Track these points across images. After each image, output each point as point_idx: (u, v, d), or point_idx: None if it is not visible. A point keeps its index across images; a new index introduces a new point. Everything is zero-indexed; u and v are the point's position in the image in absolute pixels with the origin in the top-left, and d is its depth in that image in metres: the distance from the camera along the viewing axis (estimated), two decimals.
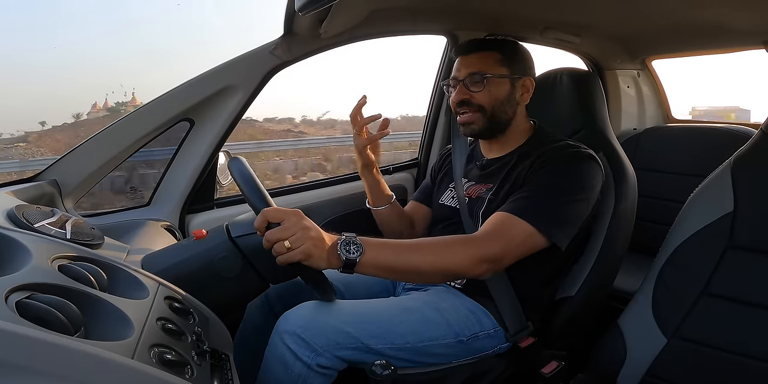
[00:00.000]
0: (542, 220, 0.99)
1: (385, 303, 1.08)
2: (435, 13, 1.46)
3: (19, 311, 0.49)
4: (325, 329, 0.94)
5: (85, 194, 1.21)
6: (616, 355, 1.02)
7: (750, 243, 0.94)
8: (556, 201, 1.02)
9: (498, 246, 0.97)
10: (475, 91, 1.13)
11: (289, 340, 0.93)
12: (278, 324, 0.96)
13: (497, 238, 0.98)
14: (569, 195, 1.03)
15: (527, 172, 1.09)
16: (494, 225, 1.00)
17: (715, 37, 1.58)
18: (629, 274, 1.38)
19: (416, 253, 0.93)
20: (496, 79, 1.13)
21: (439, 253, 0.94)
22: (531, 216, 0.99)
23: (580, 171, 1.05)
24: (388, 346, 0.98)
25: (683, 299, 0.98)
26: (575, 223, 1.04)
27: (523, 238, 0.99)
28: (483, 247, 0.96)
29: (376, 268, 0.90)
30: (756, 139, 1.00)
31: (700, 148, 1.81)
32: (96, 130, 1.20)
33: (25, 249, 0.65)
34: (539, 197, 1.02)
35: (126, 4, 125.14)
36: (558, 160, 1.07)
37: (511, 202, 1.04)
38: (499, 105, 1.14)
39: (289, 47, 1.26)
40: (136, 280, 0.74)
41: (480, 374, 1.08)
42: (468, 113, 1.15)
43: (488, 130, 1.16)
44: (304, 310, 0.97)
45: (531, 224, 0.99)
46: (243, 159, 0.97)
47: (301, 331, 0.92)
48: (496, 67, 1.13)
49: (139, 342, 0.56)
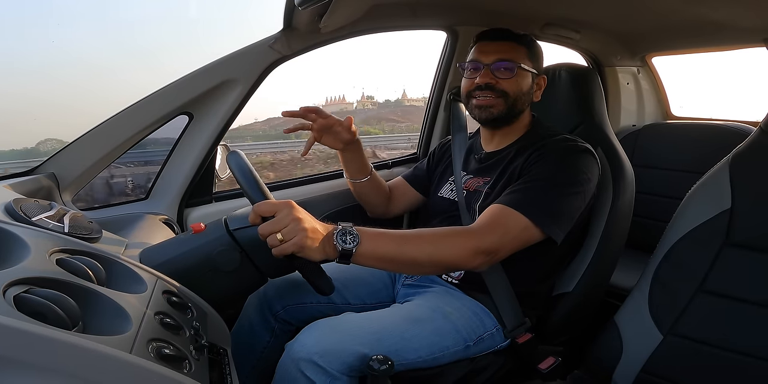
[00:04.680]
0: (538, 213, 0.99)
1: (395, 316, 1.06)
2: (435, 8, 1.45)
3: (16, 305, 0.48)
4: (341, 353, 0.92)
5: (82, 188, 1.21)
6: (613, 351, 1.03)
7: (747, 240, 0.95)
8: (552, 193, 1.02)
9: (494, 238, 0.97)
10: (503, 77, 1.13)
11: (305, 367, 0.91)
12: (292, 349, 0.94)
13: (493, 230, 0.98)
14: (565, 188, 1.03)
15: (523, 164, 1.09)
16: (490, 217, 1.00)
17: (716, 34, 1.57)
18: (626, 271, 1.39)
19: (413, 244, 0.92)
20: (524, 71, 1.14)
21: (436, 245, 0.94)
22: (527, 208, 0.99)
23: (575, 164, 1.05)
24: (402, 363, 0.97)
25: (679, 296, 0.98)
26: (571, 216, 1.04)
27: (518, 231, 0.99)
28: (479, 239, 0.96)
29: (373, 258, 0.89)
30: (754, 137, 1.00)
31: (699, 145, 1.81)
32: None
33: (22, 243, 0.64)
34: (535, 190, 1.02)
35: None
36: (554, 153, 1.07)
37: (507, 194, 1.04)
38: (521, 96, 1.15)
39: (289, 42, 1.26)
40: (134, 274, 0.74)
41: (478, 370, 1.08)
42: (490, 97, 1.14)
43: (504, 117, 1.16)
44: (317, 334, 0.95)
45: (526, 217, 0.99)
46: (241, 152, 0.97)
47: (318, 357, 0.90)
48: (524, 60, 1.15)
49: (137, 336, 0.56)
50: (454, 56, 1.68)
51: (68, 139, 1.20)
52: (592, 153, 1.09)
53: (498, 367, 1.10)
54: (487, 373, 1.09)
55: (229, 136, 1.77)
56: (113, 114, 1.19)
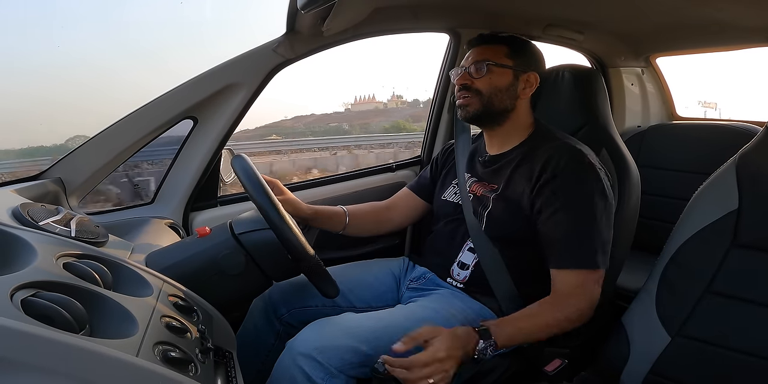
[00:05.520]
0: (594, 258, 1.04)
1: (396, 315, 1.07)
2: (437, 10, 1.46)
3: (24, 309, 0.49)
4: (340, 350, 0.93)
5: (89, 192, 1.22)
6: (620, 352, 1.02)
7: (754, 241, 0.94)
8: (593, 232, 1.05)
9: (584, 303, 1.04)
10: (476, 77, 1.15)
11: (302, 362, 0.92)
12: (292, 345, 0.95)
13: (579, 298, 1.04)
14: (601, 223, 1.05)
15: (535, 184, 1.08)
16: (567, 289, 1.05)
17: (720, 34, 1.56)
18: (633, 272, 1.38)
19: (534, 322, 1.02)
20: (498, 69, 1.15)
21: (550, 314, 1.03)
22: (586, 261, 1.04)
23: (599, 192, 1.06)
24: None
25: (687, 297, 0.97)
26: (611, 238, 1.08)
27: (594, 283, 1.04)
28: (572, 307, 1.03)
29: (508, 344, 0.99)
30: (761, 137, 0.99)
31: (705, 145, 1.80)
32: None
33: (30, 247, 0.65)
34: (580, 237, 1.05)
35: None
36: (572, 186, 1.07)
37: (558, 251, 1.06)
38: (497, 93, 1.15)
39: (292, 45, 1.26)
40: (141, 277, 0.74)
41: (484, 373, 1.07)
42: (467, 97, 1.17)
43: (483, 115, 1.17)
44: (317, 331, 0.97)
45: (590, 268, 1.04)
46: (246, 156, 0.98)
47: (317, 353, 0.92)
48: (501, 58, 1.16)
49: (143, 340, 0.56)
50: (457, 59, 1.68)
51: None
52: (599, 167, 1.09)
53: (504, 370, 1.09)
54: (494, 375, 1.08)
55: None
56: (118, 119, 1.20)
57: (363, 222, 1.35)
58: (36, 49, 62.42)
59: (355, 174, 1.72)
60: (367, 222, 1.37)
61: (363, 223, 1.35)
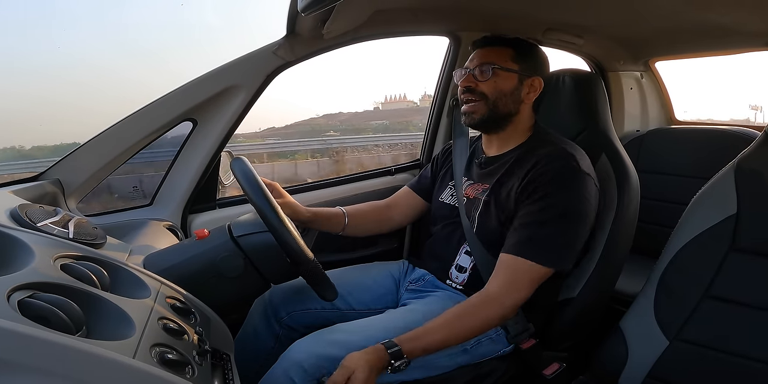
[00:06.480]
0: (546, 255, 1.02)
1: (390, 320, 1.06)
2: (437, 13, 1.46)
3: (21, 310, 0.49)
4: (333, 360, 0.92)
5: (87, 194, 1.21)
6: (618, 356, 1.02)
7: (753, 246, 0.94)
8: (557, 230, 1.03)
9: (513, 296, 1.02)
10: (481, 80, 1.15)
11: (292, 372, 0.92)
12: (285, 356, 0.96)
13: (509, 290, 1.02)
14: (569, 221, 1.04)
15: (520, 183, 1.08)
16: (504, 276, 1.03)
17: (719, 38, 1.57)
18: (631, 276, 1.38)
19: (446, 333, 0.98)
20: (504, 72, 1.14)
21: (465, 324, 1.00)
22: (535, 254, 1.02)
23: (575, 191, 1.05)
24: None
25: (685, 301, 0.97)
26: (577, 245, 1.07)
27: (532, 279, 1.03)
28: (500, 304, 1.01)
29: (422, 356, 0.97)
30: (760, 142, 0.99)
31: (704, 150, 1.80)
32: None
33: (27, 248, 0.65)
34: (539, 229, 1.03)
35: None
36: (553, 181, 1.05)
37: (513, 237, 1.05)
38: (502, 97, 1.15)
39: (292, 48, 1.26)
40: (138, 279, 0.74)
41: (482, 376, 1.07)
42: (472, 102, 1.16)
43: (489, 121, 1.16)
44: (311, 341, 0.97)
45: (537, 263, 1.01)
46: (245, 159, 0.98)
47: (309, 365, 0.92)
48: (507, 61, 1.15)
49: (140, 341, 0.56)
50: (457, 62, 1.69)
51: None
52: (588, 174, 1.07)
53: (502, 373, 1.09)
54: (491, 378, 1.08)
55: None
56: (117, 121, 1.20)
57: (363, 221, 1.35)
58: (36, 49, 62.87)
59: (354, 177, 1.73)
60: (367, 221, 1.36)
61: (363, 222, 1.35)
